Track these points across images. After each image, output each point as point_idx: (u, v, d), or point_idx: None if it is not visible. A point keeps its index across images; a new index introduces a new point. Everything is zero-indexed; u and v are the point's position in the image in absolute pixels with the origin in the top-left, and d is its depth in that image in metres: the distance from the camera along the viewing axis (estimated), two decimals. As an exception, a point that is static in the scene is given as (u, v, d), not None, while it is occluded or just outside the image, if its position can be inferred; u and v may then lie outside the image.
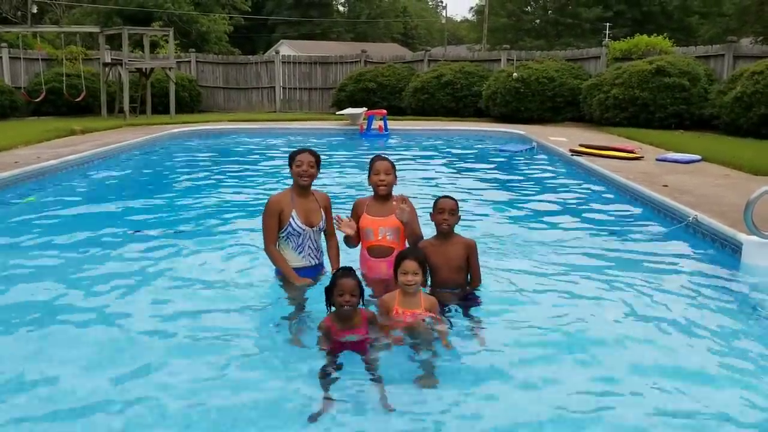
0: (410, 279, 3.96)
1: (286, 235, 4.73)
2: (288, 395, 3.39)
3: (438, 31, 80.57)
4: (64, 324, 4.31)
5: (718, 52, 18.09)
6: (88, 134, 15.25)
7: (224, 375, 3.61)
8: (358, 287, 3.76)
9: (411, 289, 3.98)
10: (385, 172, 4.67)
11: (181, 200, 8.75)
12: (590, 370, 3.71)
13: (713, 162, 10.80)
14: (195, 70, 24.91)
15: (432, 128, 17.62)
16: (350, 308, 3.74)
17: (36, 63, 21.46)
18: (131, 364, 3.71)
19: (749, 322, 4.48)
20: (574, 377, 3.61)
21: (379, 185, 4.69)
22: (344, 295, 3.72)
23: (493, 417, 3.23)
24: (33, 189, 9.16)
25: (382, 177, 4.67)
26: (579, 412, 3.26)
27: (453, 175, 10.85)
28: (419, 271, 3.98)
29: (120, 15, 38.89)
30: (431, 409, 3.27)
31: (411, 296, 4.01)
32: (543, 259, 5.76)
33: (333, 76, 24.65)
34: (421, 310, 4.00)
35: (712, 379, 3.61)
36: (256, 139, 16.25)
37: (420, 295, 4.05)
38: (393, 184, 4.75)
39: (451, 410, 3.26)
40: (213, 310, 4.52)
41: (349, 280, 3.75)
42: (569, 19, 52.88)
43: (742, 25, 33.77)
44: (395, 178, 4.77)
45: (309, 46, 52.21)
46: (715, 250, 6.06)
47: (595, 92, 17.80)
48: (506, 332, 4.18)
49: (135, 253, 5.92)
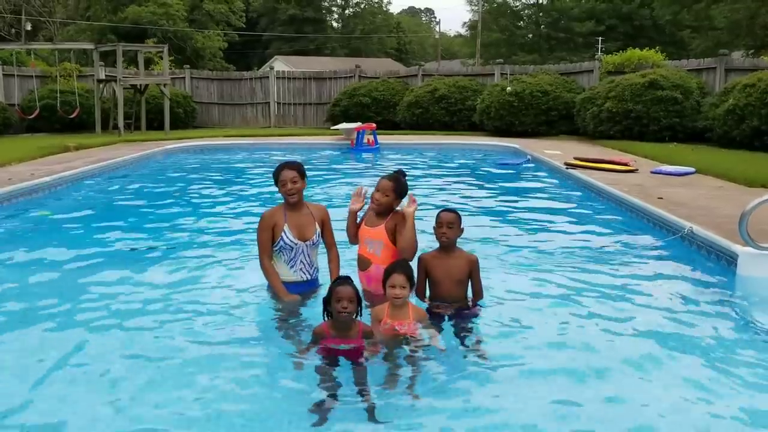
0: (398, 292, 3.99)
1: (279, 249, 4.74)
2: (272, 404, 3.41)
3: (431, 46, 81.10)
4: (54, 340, 4.27)
5: (710, 65, 18.22)
6: (83, 150, 15.22)
7: (213, 386, 3.61)
8: (355, 295, 3.76)
9: (399, 302, 4.02)
10: (382, 191, 4.64)
11: (176, 216, 8.73)
12: (587, 382, 3.68)
13: (707, 174, 10.83)
14: (190, 86, 24.94)
15: (426, 142, 17.66)
16: (347, 316, 3.73)
17: (30, 80, 21.43)
18: (124, 380, 3.67)
19: (744, 334, 4.47)
20: (572, 390, 3.58)
21: (374, 201, 4.68)
22: (341, 301, 3.71)
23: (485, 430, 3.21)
24: (26, 206, 9.11)
25: (377, 196, 4.64)
26: (577, 426, 3.24)
27: (446, 188, 10.84)
28: (407, 285, 4.02)
29: (114, 32, 39.04)
30: (427, 422, 3.24)
31: (399, 308, 4.04)
32: (537, 273, 5.74)
33: (327, 91, 24.71)
34: (410, 321, 4.02)
35: (707, 390, 3.58)
36: (251, 154, 16.27)
37: (409, 307, 4.08)
38: (386, 205, 4.65)
39: (446, 422, 3.24)
40: (207, 322, 4.52)
41: (346, 287, 3.76)
42: (562, 33, 53.33)
43: (733, 38, 34.03)
44: (396, 199, 4.66)
45: (303, 61, 52.46)
46: (710, 262, 6.06)
47: (588, 106, 17.88)
48: (504, 346, 4.16)
49: (129, 270, 5.88)
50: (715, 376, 3.75)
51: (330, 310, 3.80)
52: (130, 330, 4.43)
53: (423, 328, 4.06)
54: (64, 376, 3.76)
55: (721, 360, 3.98)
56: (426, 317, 4.13)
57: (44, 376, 3.74)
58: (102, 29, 40.32)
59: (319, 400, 3.39)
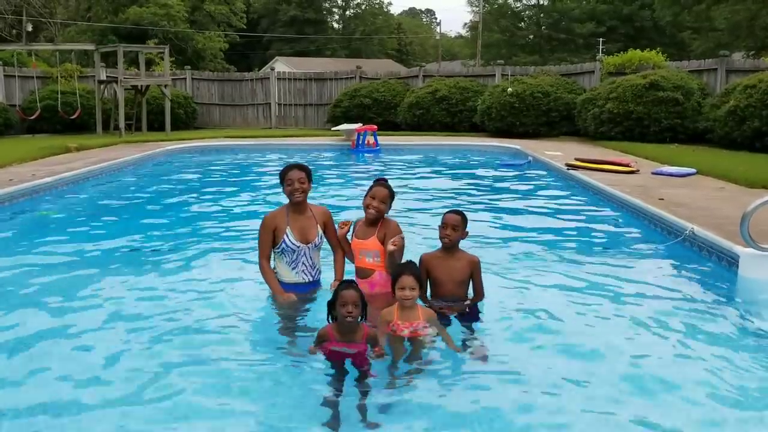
0: (408, 294, 4.00)
1: (281, 250, 4.75)
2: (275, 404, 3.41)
3: (432, 47, 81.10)
4: (54, 340, 4.28)
5: (710, 67, 18.24)
6: (84, 151, 15.23)
7: (214, 386, 3.60)
8: (360, 299, 3.76)
9: (408, 303, 4.02)
10: (380, 199, 4.63)
11: (177, 216, 8.73)
12: (589, 385, 3.67)
13: (708, 175, 10.83)
14: (191, 87, 24.95)
15: (427, 143, 17.66)
16: (352, 320, 3.73)
17: (31, 81, 21.44)
18: (125, 379, 3.68)
19: (746, 334, 4.46)
20: (573, 392, 3.57)
21: (369, 208, 4.65)
22: (347, 305, 3.71)
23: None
24: (28, 206, 9.12)
25: (375, 204, 4.62)
26: (578, 428, 3.24)
27: (447, 189, 10.83)
28: (416, 286, 4.02)
29: (115, 33, 39.03)
30: (430, 422, 3.24)
31: (409, 310, 4.05)
32: (538, 273, 5.74)
33: (328, 92, 24.72)
34: (420, 321, 4.03)
35: (708, 391, 3.58)
36: (251, 155, 16.27)
37: (418, 308, 4.09)
38: (384, 212, 4.67)
39: (448, 422, 3.24)
40: (207, 323, 4.52)
41: (351, 291, 3.76)
42: (563, 34, 53.34)
43: (734, 39, 34.08)
44: (389, 207, 4.69)
45: (304, 62, 52.48)
46: (711, 263, 6.05)
47: (589, 106, 17.88)
48: (505, 347, 4.16)
49: (130, 270, 5.88)
50: (716, 377, 3.74)
51: (335, 314, 3.79)
52: (130, 330, 4.42)
53: (433, 328, 4.07)
54: (64, 376, 3.75)
55: (722, 361, 3.97)
56: (435, 317, 4.13)
57: (44, 377, 3.74)
58: (103, 30, 40.31)
59: (323, 400, 3.38)
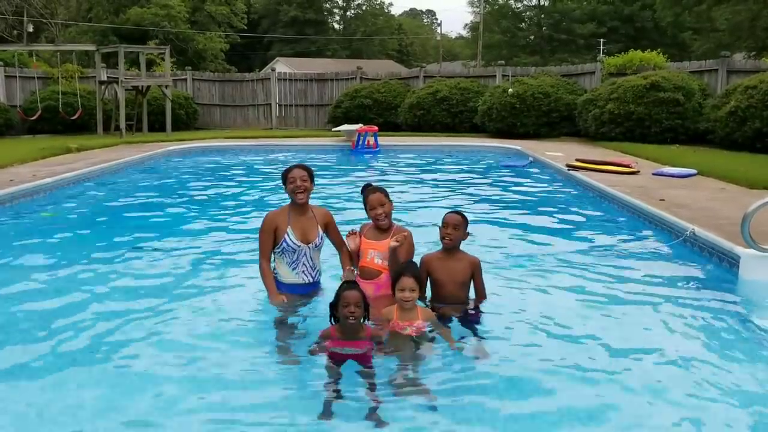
0: (407, 295, 4.01)
1: (281, 250, 4.75)
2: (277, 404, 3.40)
3: (433, 48, 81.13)
4: (55, 340, 4.26)
5: (711, 67, 18.24)
6: (84, 152, 15.23)
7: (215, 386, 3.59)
8: (362, 299, 3.76)
9: (408, 305, 4.03)
10: (380, 204, 4.65)
11: (178, 216, 8.73)
12: (589, 385, 3.67)
13: (709, 176, 10.83)
14: (191, 88, 24.96)
15: (427, 144, 17.65)
16: (354, 320, 3.73)
17: (32, 81, 21.45)
18: (126, 380, 3.68)
19: (747, 336, 4.46)
20: (573, 392, 3.58)
21: (378, 218, 4.67)
22: (349, 306, 3.71)
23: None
24: (28, 207, 9.12)
25: (379, 210, 4.64)
26: (579, 428, 3.23)
27: (447, 190, 10.83)
28: (416, 288, 4.04)
29: (116, 33, 39.10)
30: (431, 422, 3.24)
31: (409, 311, 4.06)
32: (538, 274, 5.73)
33: (329, 92, 24.72)
34: (419, 321, 4.04)
35: (709, 391, 3.58)
36: (252, 156, 16.27)
37: (417, 309, 4.10)
38: (391, 212, 4.71)
39: (445, 426, 3.23)
40: (207, 323, 4.52)
41: (353, 291, 3.77)
42: (563, 35, 53.34)
43: (734, 40, 34.09)
44: (391, 203, 4.73)
45: (305, 63, 52.51)
46: (712, 264, 6.05)
47: (590, 107, 17.88)
48: (505, 347, 4.15)
49: (132, 271, 5.88)
50: (716, 378, 3.74)
51: (337, 315, 3.79)
52: (130, 330, 4.42)
53: (433, 327, 4.09)
54: (64, 376, 3.75)
55: (722, 361, 3.97)
56: (434, 318, 4.16)
57: (44, 377, 3.74)
58: (104, 31, 40.37)
59: (325, 399, 3.39)
